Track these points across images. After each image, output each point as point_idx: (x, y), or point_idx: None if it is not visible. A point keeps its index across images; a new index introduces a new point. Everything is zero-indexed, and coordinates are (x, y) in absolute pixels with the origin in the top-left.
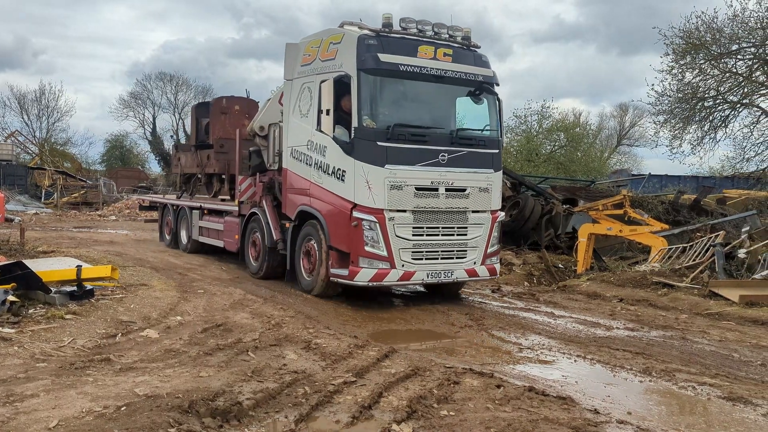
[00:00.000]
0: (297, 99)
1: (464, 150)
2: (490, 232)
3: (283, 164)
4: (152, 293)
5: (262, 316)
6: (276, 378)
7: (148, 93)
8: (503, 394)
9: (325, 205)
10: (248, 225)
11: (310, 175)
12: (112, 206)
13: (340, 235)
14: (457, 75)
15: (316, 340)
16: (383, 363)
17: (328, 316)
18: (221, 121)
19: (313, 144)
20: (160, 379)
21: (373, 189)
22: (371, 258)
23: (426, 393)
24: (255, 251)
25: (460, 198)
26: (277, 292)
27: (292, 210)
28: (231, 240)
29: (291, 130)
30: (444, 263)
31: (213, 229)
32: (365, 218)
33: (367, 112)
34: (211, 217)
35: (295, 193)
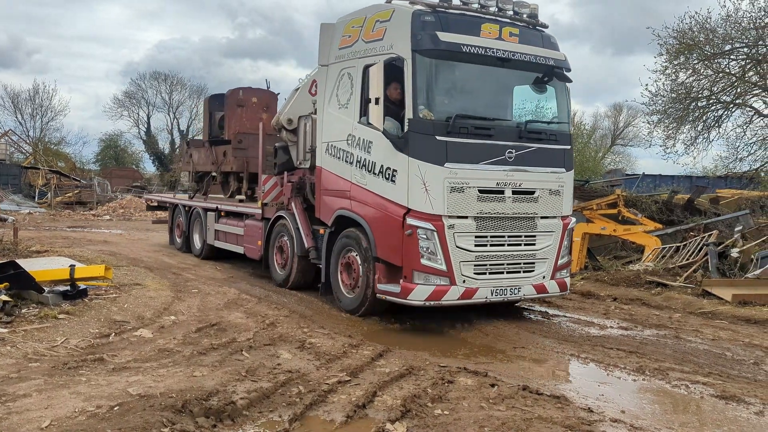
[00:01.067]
0: (334, 87)
1: (533, 146)
2: (561, 241)
3: (317, 162)
4: (146, 293)
5: (256, 316)
6: (270, 377)
7: (143, 92)
8: (497, 393)
9: (371, 210)
10: (273, 230)
11: (351, 175)
12: (107, 206)
13: (389, 246)
14: (525, 58)
15: (310, 339)
16: (378, 362)
17: (323, 316)
18: (237, 115)
19: (354, 139)
20: (154, 379)
21: (431, 192)
22: (427, 273)
23: (420, 392)
24: (281, 259)
25: (529, 202)
26: (272, 291)
27: (327, 214)
28: (253, 246)
29: (327, 123)
30: (510, 278)
31: (231, 234)
32: (421, 226)
33: (424, 100)
34: (229, 220)
35: (331, 195)
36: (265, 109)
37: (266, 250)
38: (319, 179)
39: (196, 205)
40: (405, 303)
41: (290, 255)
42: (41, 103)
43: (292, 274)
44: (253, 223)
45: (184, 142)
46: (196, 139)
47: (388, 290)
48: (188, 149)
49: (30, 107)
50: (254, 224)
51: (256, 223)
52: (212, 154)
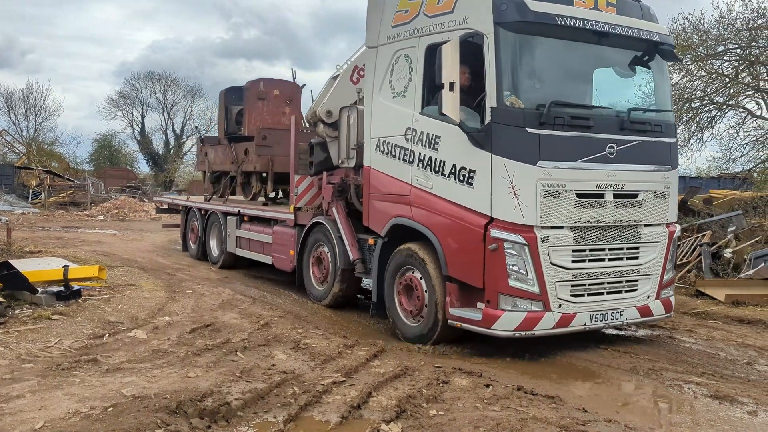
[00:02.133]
0: (386, 73)
1: (637, 139)
2: (666, 253)
3: (365, 161)
4: (140, 293)
5: (251, 316)
6: (265, 378)
7: (137, 92)
8: (492, 394)
9: (439, 219)
10: (309, 238)
11: (412, 177)
12: (100, 206)
13: (465, 263)
14: (627, 32)
15: (305, 340)
16: (372, 363)
17: (318, 316)
18: (258, 109)
19: (415, 133)
20: (148, 380)
21: (521, 196)
22: (516, 296)
23: (415, 392)
24: (320, 272)
25: (631, 207)
26: (267, 292)
27: (379, 222)
28: (283, 256)
29: (377, 115)
30: (610, 300)
31: (256, 241)
32: (509, 239)
33: (510, 85)
34: (254, 226)
35: (384, 200)
36: (288, 102)
37: (300, 261)
38: (368, 181)
39: (213, 209)
40: (488, 333)
41: (331, 268)
42: (35, 103)
43: (333, 290)
44: (284, 230)
45: (198, 139)
46: (212, 136)
47: (464, 317)
48: (203, 147)
49: (23, 107)
50: (285, 231)
51: (287, 230)
52: (231, 152)
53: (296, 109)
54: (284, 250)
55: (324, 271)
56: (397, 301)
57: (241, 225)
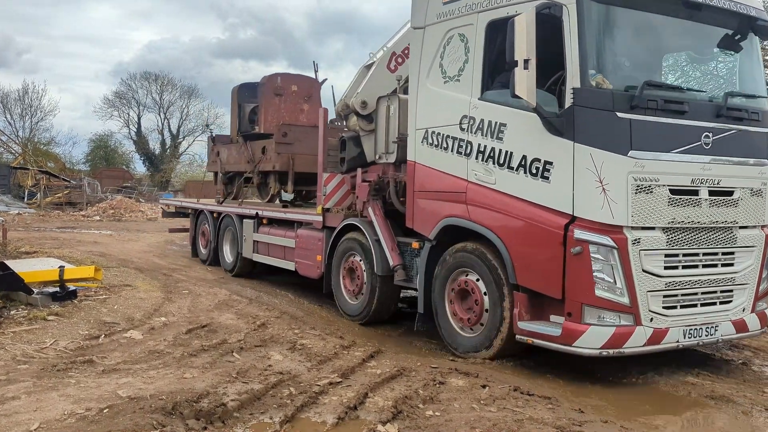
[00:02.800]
0: (436, 55)
1: (733, 128)
2: (763, 260)
3: (409, 155)
4: (136, 294)
5: (247, 317)
6: (261, 379)
7: (133, 92)
8: (488, 394)
9: (504, 219)
10: (340, 243)
11: (468, 172)
12: (96, 206)
13: (538, 269)
14: (722, 4)
15: (301, 340)
16: (369, 363)
17: (314, 317)
18: (275, 105)
19: (473, 122)
20: (144, 381)
21: (610, 192)
22: (603, 308)
23: (412, 393)
24: (354, 282)
25: (726, 206)
26: (263, 292)
27: (427, 224)
28: (309, 262)
29: (425, 103)
30: (704, 313)
31: (277, 246)
32: (596, 241)
33: (595, 62)
34: (274, 229)
35: (433, 198)
36: (306, 98)
37: (329, 268)
38: (412, 178)
39: (227, 211)
40: (568, 351)
41: (366, 276)
42: (31, 103)
43: (369, 302)
44: (310, 234)
45: (209, 138)
46: (223, 135)
47: (538, 332)
48: (214, 146)
49: (19, 107)
50: (311, 235)
51: (313, 234)
52: (247, 151)
53: (315, 105)
54: (310, 256)
55: (358, 282)
56: (449, 311)
57: (259, 228)
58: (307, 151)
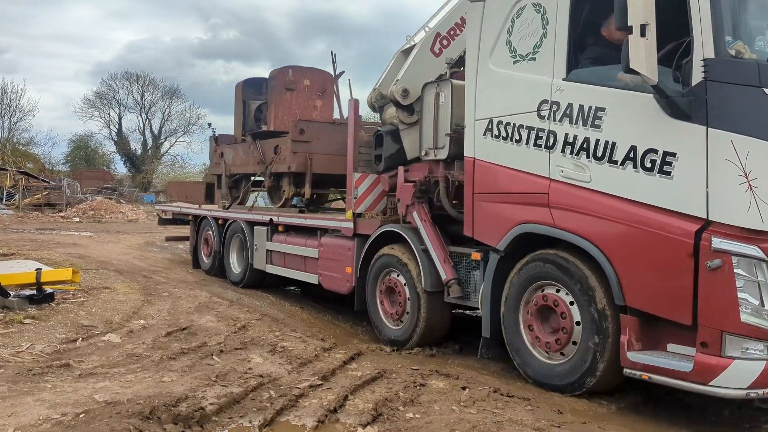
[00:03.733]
0: (502, 31)
1: None
2: None
3: (467, 150)
4: (115, 296)
5: (227, 319)
6: (241, 382)
7: (114, 93)
8: (469, 396)
9: (606, 225)
10: (374, 253)
11: (551, 168)
12: (76, 208)
13: (657, 287)
14: None
15: (282, 343)
16: (350, 366)
17: (295, 319)
18: (285, 101)
19: (558, 107)
20: (121, 385)
21: (759, 189)
22: (750, 337)
23: (392, 396)
24: (393, 306)
25: None
26: (244, 294)
27: (494, 231)
28: (336, 275)
29: (488, 87)
30: None
31: (296, 256)
32: (741, 252)
33: (731, 27)
34: (291, 237)
35: (502, 200)
36: (320, 94)
37: (362, 283)
38: (472, 176)
39: (235, 218)
40: (705, 392)
41: (409, 294)
42: (9, 103)
43: (414, 325)
44: (338, 242)
45: (212, 138)
46: (227, 135)
47: (657, 365)
48: (217, 147)
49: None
50: (339, 243)
51: (342, 242)
52: (257, 151)
53: (329, 101)
54: (338, 267)
55: (399, 303)
56: (526, 336)
57: (273, 236)
58: (325, 150)
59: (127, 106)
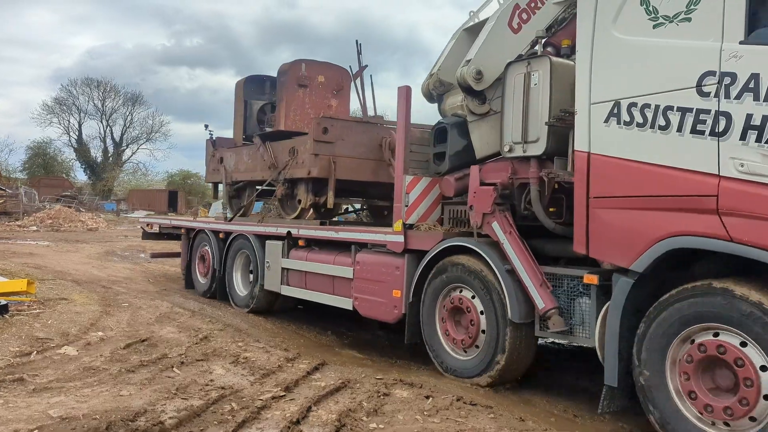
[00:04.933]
0: None
1: None
2: None
3: (578, 143)
4: (72, 308)
5: (189, 330)
6: (202, 395)
7: (74, 99)
8: (432, 405)
9: None
10: (433, 272)
11: (721, 161)
12: (34, 216)
13: None
14: None
15: (245, 353)
16: (313, 376)
17: (259, 329)
18: (298, 99)
19: (734, 80)
20: (77, 400)
21: None
22: None
23: (356, 406)
24: (461, 326)
25: None
26: (206, 304)
27: (624, 247)
28: (379, 299)
29: (613, 61)
30: None
31: (321, 276)
32: None
33: None
34: (315, 253)
35: (637, 206)
36: (335, 92)
37: (414, 306)
38: (586, 176)
39: (240, 231)
40: None
41: (485, 319)
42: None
43: (491, 358)
44: (380, 260)
45: (209, 142)
46: (226, 138)
47: None
48: (215, 152)
49: None
50: (383, 261)
51: (386, 260)
52: (268, 154)
53: (345, 100)
54: (382, 290)
55: (469, 329)
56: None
57: (290, 252)
58: (351, 153)
59: (87, 112)
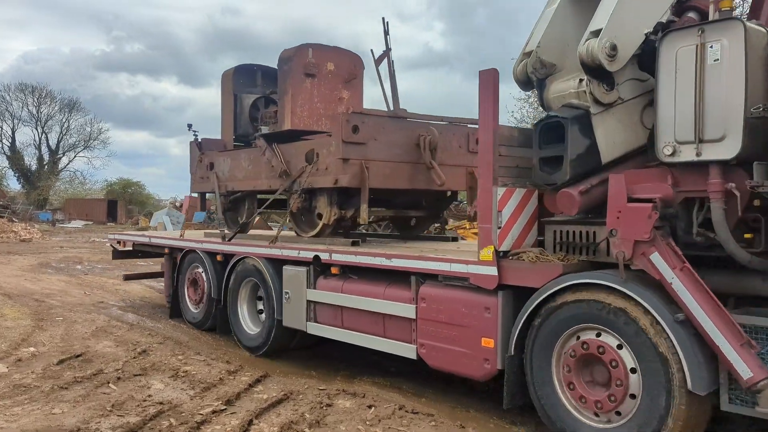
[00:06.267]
0: None
1: None
2: None
3: None
4: (2, 322)
5: (126, 344)
6: (139, 411)
7: (7, 105)
8: (374, 415)
9: None
10: (543, 315)
11: None
12: None
13: None
14: None
15: (185, 367)
16: (255, 388)
17: (200, 342)
18: (305, 91)
19: None
20: (6, 419)
21: None
22: None
23: (298, 418)
24: (597, 384)
25: None
26: (146, 317)
27: None
28: (459, 349)
29: None
30: None
31: (367, 313)
32: None
33: None
34: (354, 283)
35: None
36: (346, 82)
37: (516, 360)
38: None
39: (246, 254)
40: None
41: (641, 382)
42: None
43: None
44: (458, 297)
45: (194, 144)
46: (213, 139)
47: None
48: (203, 156)
49: None
50: (461, 299)
51: (468, 297)
52: (277, 160)
53: (357, 92)
54: (462, 338)
55: (611, 388)
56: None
57: (317, 281)
58: (386, 156)
59: (21, 119)
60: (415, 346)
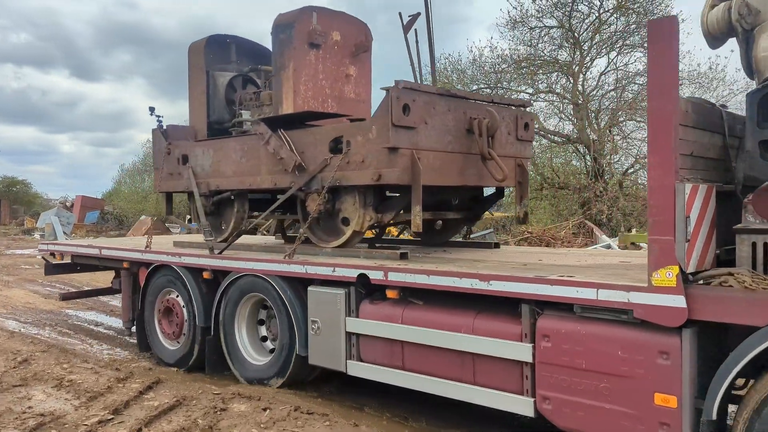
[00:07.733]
0: None
1: None
2: None
3: None
4: None
5: (6, 353)
6: (18, 424)
7: None
8: (269, 417)
9: None
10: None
11: None
12: None
13: None
14: None
15: (70, 376)
16: (146, 395)
17: (87, 350)
18: (309, 65)
19: None
20: None
21: None
22: None
23: (190, 424)
24: None
25: None
26: (30, 323)
27: None
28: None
29: None
30: None
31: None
32: None
33: None
34: (420, 312)
35: None
36: (353, 56)
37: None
38: None
39: (249, 270)
40: None
41: None
42: None
43: None
44: (611, 335)
45: (158, 131)
46: (180, 126)
47: None
48: (171, 146)
49: None
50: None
51: (629, 336)
52: (286, 150)
53: (365, 67)
54: (619, 392)
55: None
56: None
57: (361, 306)
58: (438, 145)
59: None
60: (533, 400)
